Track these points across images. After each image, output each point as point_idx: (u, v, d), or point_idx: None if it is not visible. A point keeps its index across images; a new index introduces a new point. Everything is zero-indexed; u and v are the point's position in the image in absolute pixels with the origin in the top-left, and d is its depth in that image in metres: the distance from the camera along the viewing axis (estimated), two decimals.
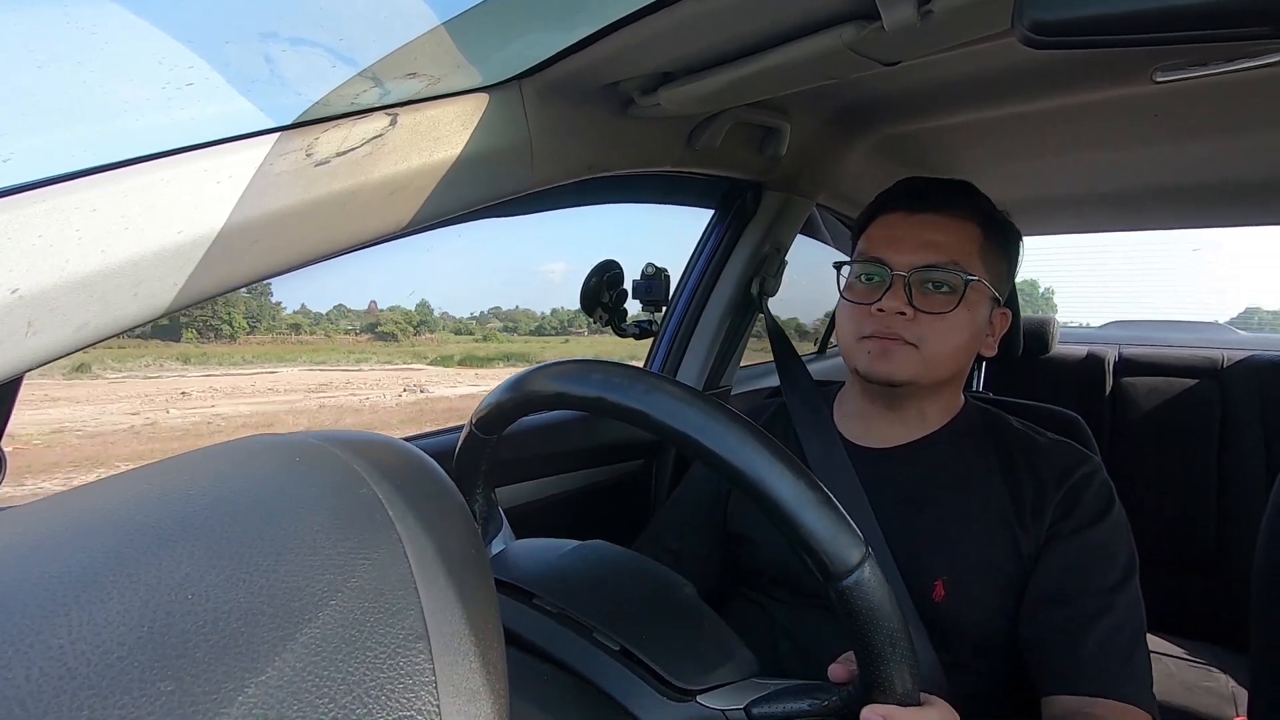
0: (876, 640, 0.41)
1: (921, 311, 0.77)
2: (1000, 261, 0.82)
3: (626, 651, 0.48)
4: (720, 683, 0.48)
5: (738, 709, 0.46)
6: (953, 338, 0.78)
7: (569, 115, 0.72)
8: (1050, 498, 0.75)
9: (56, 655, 0.20)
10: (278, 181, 0.51)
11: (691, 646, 0.50)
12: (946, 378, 0.81)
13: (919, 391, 0.81)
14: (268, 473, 0.29)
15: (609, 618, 0.50)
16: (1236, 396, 1.60)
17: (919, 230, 0.79)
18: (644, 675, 0.47)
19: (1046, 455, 0.79)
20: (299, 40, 0.53)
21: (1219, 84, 0.87)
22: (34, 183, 0.43)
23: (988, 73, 0.93)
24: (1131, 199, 1.57)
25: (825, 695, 0.46)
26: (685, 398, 0.44)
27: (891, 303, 0.77)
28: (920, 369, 0.78)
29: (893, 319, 0.77)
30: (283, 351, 10.42)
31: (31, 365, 0.44)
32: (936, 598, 0.74)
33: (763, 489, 0.41)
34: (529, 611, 0.51)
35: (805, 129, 1.08)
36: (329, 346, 11.25)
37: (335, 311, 10.72)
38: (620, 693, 0.45)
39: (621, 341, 1.21)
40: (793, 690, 0.47)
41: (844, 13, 0.60)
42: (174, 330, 7.82)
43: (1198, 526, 1.58)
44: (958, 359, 0.80)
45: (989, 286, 0.79)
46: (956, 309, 0.76)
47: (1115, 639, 0.69)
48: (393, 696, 0.22)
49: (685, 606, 0.55)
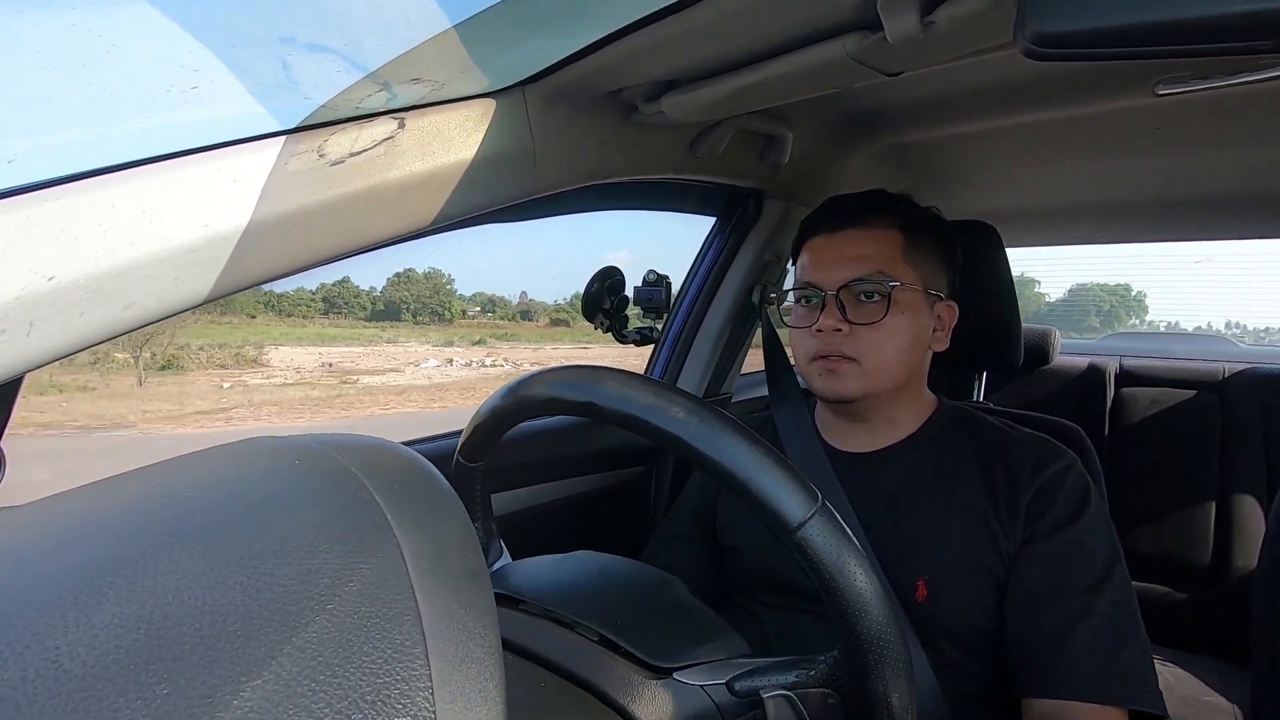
0: (843, 584, 0.41)
1: (855, 324, 0.79)
2: (930, 259, 0.83)
3: (605, 640, 0.47)
4: (700, 661, 0.47)
5: (718, 684, 0.45)
6: (891, 344, 0.80)
7: (572, 121, 0.73)
8: (1024, 492, 0.76)
9: (53, 657, 0.20)
10: (292, 181, 0.52)
11: (672, 630, 0.50)
12: (900, 382, 0.82)
13: (877, 402, 0.83)
14: (266, 475, 0.29)
15: (592, 612, 0.50)
16: (1237, 408, 1.60)
17: (841, 247, 0.82)
18: (621, 658, 0.46)
19: (1020, 449, 0.80)
20: (304, 44, 0.53)
21: (1221, 97, 0.88)
22: (53, 180, 0.43)
23: (990, 84, 0.93)
24: (1133, 211, 1.58)
25: (810, 666, 0.45)
26: (627, 381, 0.46)
27: (827, 321, 0.80)
28: (867, 382, 0.80)
29: (831, 336, 0.80)
30: (484, 332, 13.62)
31: (36, 364, 0.45)
32: (920, 597, 0.74)
33: (711, 457, 0.42)
34: (515, 615, 0.51)
35: (807, 138, 1.08)
36: (520, 329, 14.59)
37: (500, 301, 14.24)
38: (599, 679, 0.44)
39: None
40: (777, 665, 0.46)
41: (847, 23, 0.60)
42: (395, 312, 11.01)
43: (1198, 539, 1.58)
44: (903, 363, 0.81)
45: (919, 287, 0.81)
46: (888, 316, 0.79)
47: (1097, 640, 0.69)
48: (389, 700, 0.22)
49: (672, 599, 0.54)
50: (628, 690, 0.43)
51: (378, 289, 11.53)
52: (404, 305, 11.77)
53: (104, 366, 9.44)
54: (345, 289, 12.13)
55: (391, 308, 11.80)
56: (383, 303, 11.76)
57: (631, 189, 1.10)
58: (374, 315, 11.55)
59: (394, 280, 12.53)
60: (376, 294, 11.38)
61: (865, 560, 0.42)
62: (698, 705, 0.44)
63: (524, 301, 12.70)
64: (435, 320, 11.56)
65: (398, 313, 11.25)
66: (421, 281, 12.57)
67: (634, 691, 0.43)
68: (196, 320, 10.70)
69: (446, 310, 12.46)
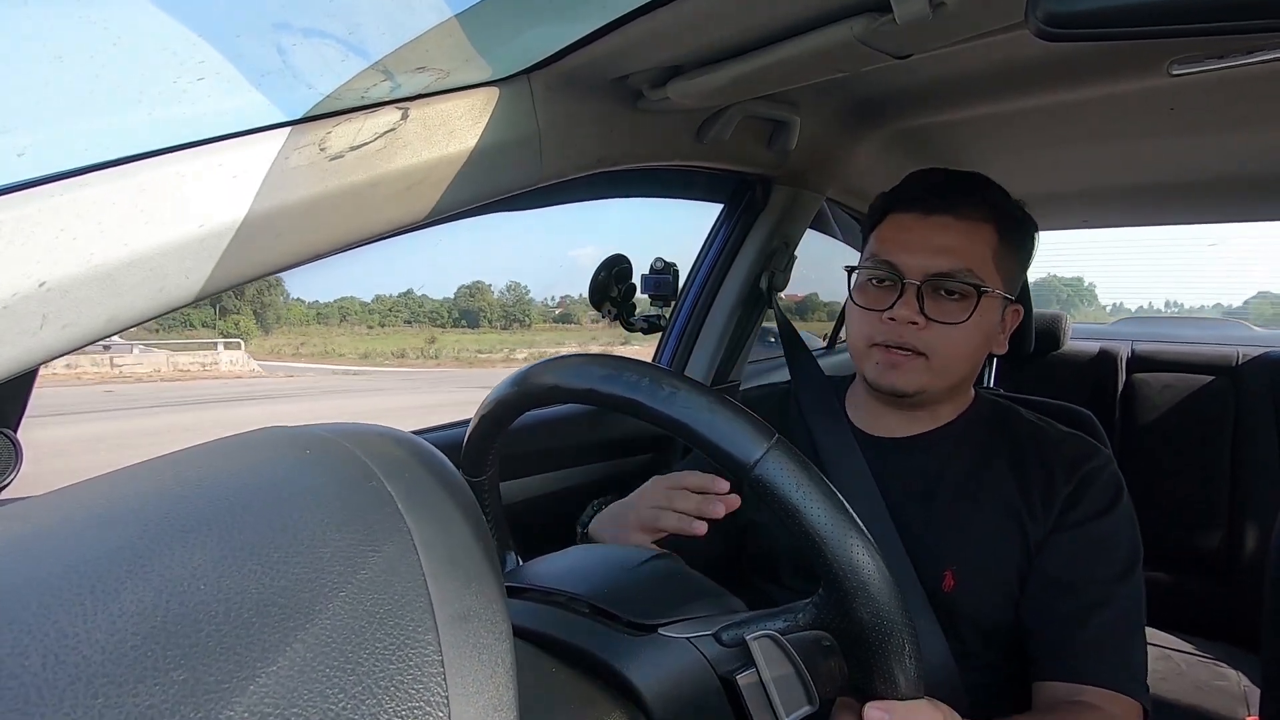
0: (808, 515, 0.41)
1: (933, 320, 0.75)
2: (1014, 260, 0.81)
3: (596, 609, 0.47)
4: (687, 616, 0.47)
5: (705, 635, 0.45)
6: (964, 346, 0.77)
7: (578, 109, 0.72)
8: (1060, 490, 0.75)
9: (72, 644, 0.20)
10: (293, 175, 0.52)
11: (660, 592, 0.50)
12: (957, 382, 0.80)
13: (929, 397, 0.80)
14: (278, 465, 0.29)
15: (584, 587, 0.50)
16: (1251, 393, 1.58)
17: (933, 234, 0.76)
18: (609, 623, 0.46)
19: (1057, 447, 0.78)
20: (309, 34, 0.53)
21: (1236, 77, 0.86)
22: (49, 176, 0.44)
23: (1000, 66, 0.92)
24: (1147, 193, 1.56)
25: (799, 611, 0.45)
26: (584, 361, 0.49)
27: (903, 312, 0.75)
28: (929, 379, 0.77)
29: (904, 328, 0.75)
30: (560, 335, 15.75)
31: (49, 356, 0.45)
32: (946, 587, 0.74)
33: (666, 413, 0.44)
34: (514, 602, 0.52)
35: (815, 123, 1.07)
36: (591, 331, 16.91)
37: (543, 304, 16.76)
38: (588, 643, 0.44)
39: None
40: (765, 614, 0.46)
41: (855, 5, 0.59)
42: (474, 318, 11.36)
43: (1210, 524, 1.57)
44: (969, 363, 0.79)
45: (1002, 291, 0.78)
46: (971, 318, 0.75)
47: (1113, 628, 0.69)
48: (402, 686, 0.23)
49: (666, 570, 0.54)
50: (615, 650, 0.43)
51: (450, 297, 13.04)
52: (482, 314, 13.82)
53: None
54: (479, 299, 14.72)
55: (470, 316, 13.83)
56: (459, 311, 13.65)
57: (638, 176, 1.09)
58: (453, 323, 13.37)
59: (465, 291, 14.26)
60: (497, 301, 13.72)
61: (829, 488, 0.42)
62: (686, 658, 0.43)
63: (563, 305, 13.98)
64: (519, 326, 14.37)
65: (477, 320, 13.98)
66: (486, 293, 14.51)
67: (621, 650, 0.43)
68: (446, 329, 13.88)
69: (526, 316, 14.56)
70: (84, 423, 7.03)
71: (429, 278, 27.23)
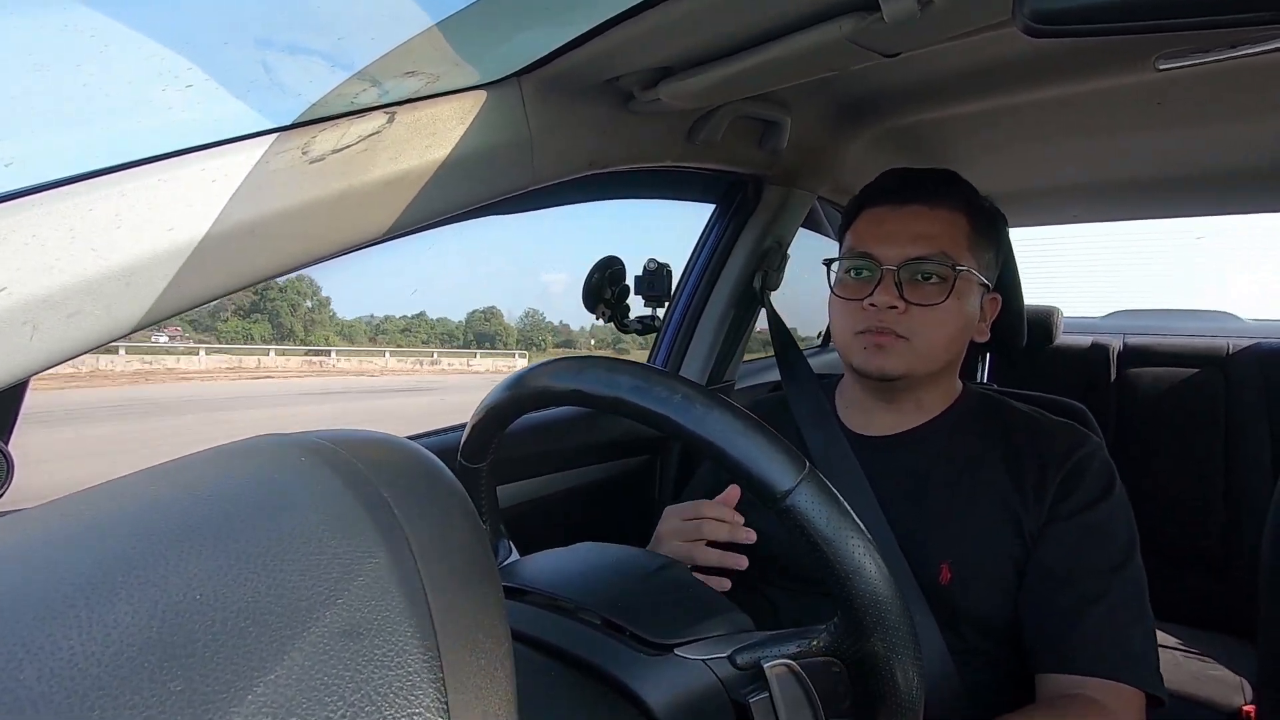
0: (836, 548, 0.41)
1: (912, 304, 0.78)
2: (987, 248, 0.83)
3: (608, 623, 0.47)
4: (702, 636, 0.47)
5: (720, 657, 0.45)
6: (945, 328, 0.79)
7: (569, 111, 0.72)
8: (1052, 479, 0.76)
9: (67, 655, 0.20)
10: (273, 181, 0.51)
11: (674, 610, 0.50)
12: (940, 367, 0.82)
13: (915, 383, 0.82)
14: (274, 472, 0.29)
15: (594, 597, 0.50)
16: (1242, 385, 1.59)
17: (907, 222, 0.80)
18: (623, 639, 0.46)
19: (1049, 437, 0.79)
20: (296, 42, 0.53)
21: (1222, 70, 0.87)
22: (31, 188, 0.43)
23: (989, 63, 0.92)
24: (1135, 187, 1.56)
25: (812, 636, 0.45)
26: (612, 367, 0.47)
27: (882, 297, 0.78)
28: (914, 361, 0.79)
29: (884, 313, 0.78)
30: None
31: (40, 368, 0.45)
32: (943, 581, 0.74)
33: (697, 432, 0.43)
34: (520, 606, 0.51)
35: (806, 122, 1.08)
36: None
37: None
38: (602, 660, 0.44)
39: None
40: (779, 636, 0.46)
41: (844, 5, 0.60)
42: (491, 340, 13.06)
43: (1204, 517, 1.58)
44: (950, 348, 0.81)
45: (977, 274, 0.80)
46: (947, 299, 0.77)
47: (1113, 619, 0.69)
48: (400, 693, 0.23)
49: (673, 579, 0.54)
50: (630, 669, 0.43)
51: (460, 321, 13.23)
52: (498, 337, 13.26)
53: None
54: (494, 323, 14.00)
55: (487, 338, 13.77)
56: (473, 334, 13.80)
57: (630, 178, 1.10)
58: (464, 345, 12.86)
59: (479, 315, 14.36)
60: (514, 327, 13.81)
61: (856, 523, 0.42)
62: (700, 680, 0.44)
63: (564, 331, 14.09)
64: (534, 349, 13.61)
65: (494, 342, 13.27)
66: (499, 318, 13.99)
67: (636, 670, 0.43)
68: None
69: (543, 342, 13.99)
70: (326, 403, 8.74)
71: (431, 300, 27.42)
